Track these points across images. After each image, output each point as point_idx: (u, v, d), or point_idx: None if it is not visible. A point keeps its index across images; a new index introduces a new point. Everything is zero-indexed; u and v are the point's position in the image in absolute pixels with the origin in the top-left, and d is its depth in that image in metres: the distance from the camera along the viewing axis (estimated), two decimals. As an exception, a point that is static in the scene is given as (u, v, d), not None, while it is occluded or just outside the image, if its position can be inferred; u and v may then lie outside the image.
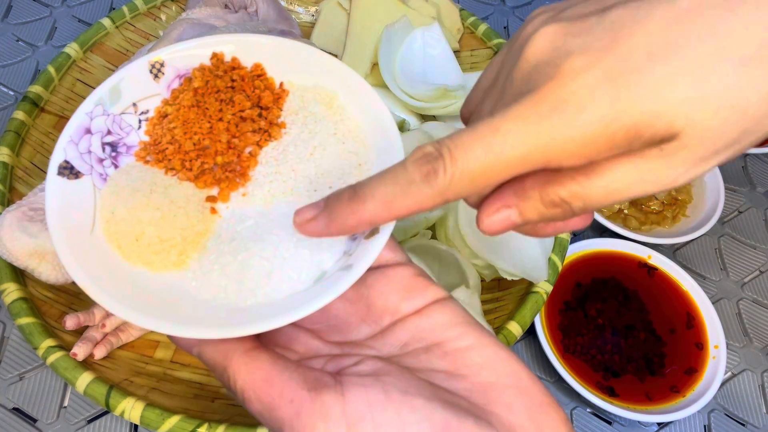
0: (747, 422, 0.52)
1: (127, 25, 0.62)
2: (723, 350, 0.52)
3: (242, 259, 0.27)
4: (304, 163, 0.30)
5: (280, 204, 0.29)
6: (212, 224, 0.29)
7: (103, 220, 0.28)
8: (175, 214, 0.28)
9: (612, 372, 0.51)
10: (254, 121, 0.31)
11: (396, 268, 0.28)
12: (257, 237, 0.28)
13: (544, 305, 0.51)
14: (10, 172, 0.50)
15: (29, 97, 0.53)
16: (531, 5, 0.82)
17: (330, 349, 0.26)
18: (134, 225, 0.28)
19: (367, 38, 0.63)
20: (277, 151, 0.31)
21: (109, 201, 0.28)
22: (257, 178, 0.30)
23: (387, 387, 0.23)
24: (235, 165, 0.30)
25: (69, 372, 0.40)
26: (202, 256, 0.28)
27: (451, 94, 0.57)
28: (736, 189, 0.67)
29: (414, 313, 0.26)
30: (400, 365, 0.25)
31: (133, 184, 0.29)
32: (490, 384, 0.24)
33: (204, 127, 0.31)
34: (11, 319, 0.46)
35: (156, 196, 0.29)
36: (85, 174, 0.28)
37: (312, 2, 0.69)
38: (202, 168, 0.30)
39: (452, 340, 0.25)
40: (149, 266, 0.27)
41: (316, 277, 0.27)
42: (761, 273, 0.61)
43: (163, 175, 0.30)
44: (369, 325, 0.27)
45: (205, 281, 0.27)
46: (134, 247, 0.27)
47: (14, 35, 0.70)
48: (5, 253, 0.42)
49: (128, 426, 0.47)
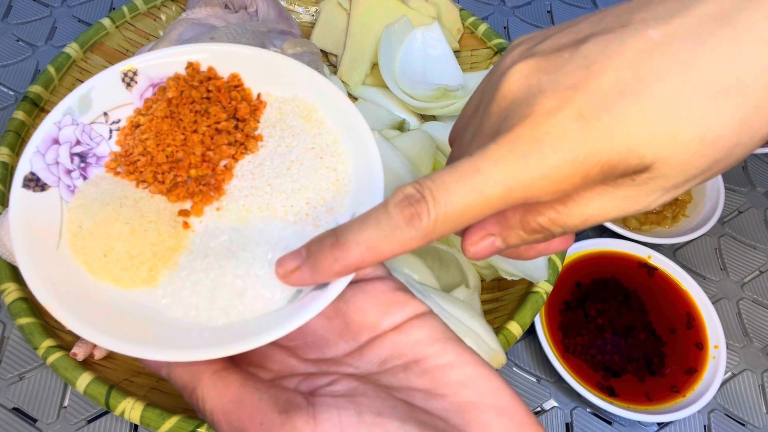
0: (747, 422, 0.52)
1: (127, 25, 0.62)
2: (723, 350, 0.52)
3: (214, 276, 0.26)
4: (281, 178, 0.29)
5: (255, 219, 0.28)
6: (184, 239, 0.28)
7: (70, 235, 0.27)
8: (146, 229, 0.27)
9: (612, 372, 0.51)
10: (230, 133, 0.30)
11: (375, 282, 0.27)
12: (230, 254, 0.27)
13: (544, 305, 0.51)
14: (10, 172, 0.50)
15: (29, 97, 0.53)
16: (531, 5, 0.82)
17: (306, 367, 0.26)
18: (102, 240, 0.27)
19: (367, 38, 0.63)
20: (253, 164, 0.30)
21: (77, 214, 0.27)
22: (232, 192, 0.29)
23: (361, 409, 0.22)
24: (210, 178, 0.29)
25: (69, 372, 0.40)
26: (173, 272, 0.27)
27: (451, 94, 0.57)
28: (736, 189, 0.67)
29: (393, 329, 0.26)
30: (377, 384, 0.24)
31: (102, 197, 0.28)
32: (470, 403, 0.23)
33: (178, 138, 0.30)
34: (11, 319, 0.46)
35: (126, 209, 0.28)
36: (52, 186, 0.27)
37: (312, 2, 0.69)
38: (175, 181, 0.29)
39: (431, 357, 0.25)
40: (117, 283, 0.26)
41: (290, 296, 0.26)
42: (761, 273, 0.61)
43: (134, 187, 0.29)
44: (347, 342, 0.26)
45: (175, 299, 0.26)
46: (102, 263, 0.26)
47: (14, 35, 0.70)
48: (5, 253, 0.42)
49: (128, 426, 0.47)
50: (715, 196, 0.62)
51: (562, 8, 0.82)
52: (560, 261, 0.49)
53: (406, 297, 0.27)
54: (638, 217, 0.61)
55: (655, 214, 0.61)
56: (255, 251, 0.27)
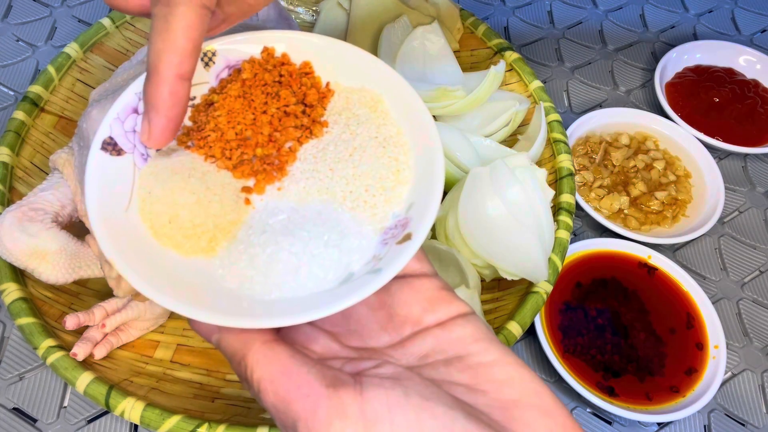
0: (747, 422, 0.52)
1: (127, 25, 0.62)
2: (723, 350, 0.52)
3: (271, 252, 0.27)
4: (343, 163, 0.30)
5: (314, 201, 0.29)
6: (245, 215, 0.29)
7: (140, 199, 0.28)
8: (210, 201, 0.28)
9: (612, 372, 0.51)
10: (297, 117, 0.31)
11: (422, 279, 0.27)
12: (288, 232, 0.28)
13: (544, 305, 0.51)
14: (10, 172, 0.50)
15: (29, 97, 0.53)
16: (531, 5, 0.82)
17: (348, 353, 0.26)
18: (169, 207, 0.28)
19: (367, 38, 0.63)
20: (316, 149, 0.31)
21: (148, 181, 0.29)
22: (294, 174, 0.30)
23: (408, 390, 0.22)
24: (274, 158, 0.30)
25: (69, 372, 0.40)
26: (231, 245, 0.28)
27: (451, 94, 0.57)
28: (736, 189, 0.67)
29: (436, 325, 0.26)
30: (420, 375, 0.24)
31: (172, 166, 0.29)
32: (513, 401, 0.23)
33: (248, 118, 0.31)
34: (11, 319, 0.46)
35: (193, 180, 0.29)
36: (127, 152, 0.29)
37: (312, 2, 0.69)
38: (241, 158, 0.30)
39: (474, 355, 0.25)
40: (178, 249, 0.27)
41: (343, 278, 0.27)
42: (761, 273, 0.61)
43: (202, 161, 0.30)
44: (389, 334, 0.26)
45: (231, 270, 0.27)
46: (167, 229, 0.27)
47: (14, 35, 0.70)
48: (5, 253, 0.42)
49: (128, 426, 0.47)
50: (715, 196, 0.62)
51: (562, 8, 0.82)
52: (560, 261, 0.49)
53: (451, 296, 0.27)
54: (638, 217, 0.61)
55: (655, 214, 0.61)
56: (312, 231, 0.28)
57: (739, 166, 0.69)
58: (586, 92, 0.74)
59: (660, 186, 0.63)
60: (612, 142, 0.66)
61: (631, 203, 0.62)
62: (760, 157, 0.70)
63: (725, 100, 0.69)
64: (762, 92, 0.72)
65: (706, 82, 0.71)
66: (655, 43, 0.79)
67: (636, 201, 0.62)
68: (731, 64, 0.74)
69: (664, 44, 0.79)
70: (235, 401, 0.45)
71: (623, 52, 0.78)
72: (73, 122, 0.56)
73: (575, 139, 0.65)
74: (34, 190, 0.45)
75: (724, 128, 0.68)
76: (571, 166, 0.55)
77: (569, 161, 0.55)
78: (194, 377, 0.47)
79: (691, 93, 0.70)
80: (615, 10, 0.83)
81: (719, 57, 0.74)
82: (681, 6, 0.84)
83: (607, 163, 0.64)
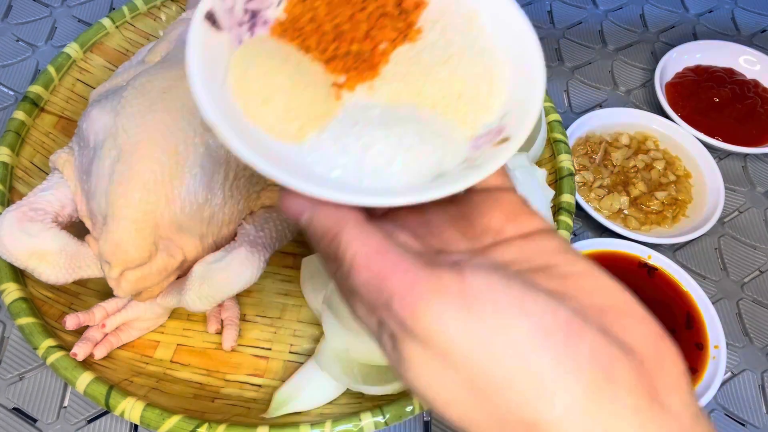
0: (747, 422, 0.52)
1: (127, 25, 0.62)
2: (723, 350, 0.52)
3: (364, 143, 0.26)
4: (438, 67, 0.29)
5: (405, 104, 0.28)
6: (335, 108, 0.28)
7: (235, 78, 0.27)
8: (306, 88, 0.28)
9: (612, 372, 0.51)
10: (394, 19, 0.31)
11: (504, 192, 0.27)
12: (382, 125, 0.27)
13: (544, 305, 0.51)
14: (10, 172, 0.50)
15: (29, 97, 0.53)
16: (531, 5, 0.82)
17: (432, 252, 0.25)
18: (265, 87, 0.27)
19: (367, 38, 0.63)
20: (411, 53, 0.30)
21: (243, 60, 0.28)
22: (386, 76, 0.29)
23: (508, 276, 0.21)
24: (367, 56, 0.30)
25: (69, 372, 0.40)
26: (322, 134, 0.27)
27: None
28: (736, 189, 0.67)
29: (519, 236, 0.25)
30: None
31: (269, 51, 0.29)
32: (606, 307, 0.22)
33: (346, 12, 0.30)
34: (11, 319, 0.46)
35: (290, 66, 0.28)
36: (225, 29, 0.28)
37: (312, 2, 0.69)
38: (335, 52, 0.29)
39: (561, 265, 0.23)
40: (269, 131, 0.27)
41: (435, 174, 0.26)
42: (761, 273, 0.61)
43: (296, 51, 0.29)
44: (470, 240, 0.25)
45: (322, 156, 0.26)
46: (259, 109, 0.27)
47: (14, 35, 0.70)
48: (5, 253, 0.42)
49: (128, 426, 0.47)
50: (715, 196, 0.62)
51: (562, 8, 0.82)
52: (560, 261, 0.49)
53: (533, 211, 0.26)
54: (638, 217, 0.61)
55: (655, 214, 0.61)
56: (406, 126, 0.27)
57: (739, 166, 0.69)
58: (586, 92, 0.74)
59: (660, 186, 0.63)
60: (612, 142, 0.66)
61: (631, 203, 0.62)
62: (760, 157, 0.70)
63: (725, 100, 0.69)
64: (762, 92, 0.72)
65: (706, 82, 0.71)
66: (655, 43, 0.79)
67: (636, 201, 0.62)
68: (731, 64, 0.74)
69: (664, 44, 0.79)
70: (235, 401, 0.46)
71: (623, 52, 0.78)
72: (73, 122, 0.56)
73: (575, 139, 0.65)
74: (34, 190, 0.45)
75: (724, 128, 0.68)
76: (571, 166, 0.55)
77: (569, 161, 0.55)
78: (194, 377, 0.47)
79: (691, 93, 0.70)
80: (615, 10, 0.83)
81: (719, 57, 0.74)
82: (681, 6, 0.84)
83: (607, 163, 0.64)
